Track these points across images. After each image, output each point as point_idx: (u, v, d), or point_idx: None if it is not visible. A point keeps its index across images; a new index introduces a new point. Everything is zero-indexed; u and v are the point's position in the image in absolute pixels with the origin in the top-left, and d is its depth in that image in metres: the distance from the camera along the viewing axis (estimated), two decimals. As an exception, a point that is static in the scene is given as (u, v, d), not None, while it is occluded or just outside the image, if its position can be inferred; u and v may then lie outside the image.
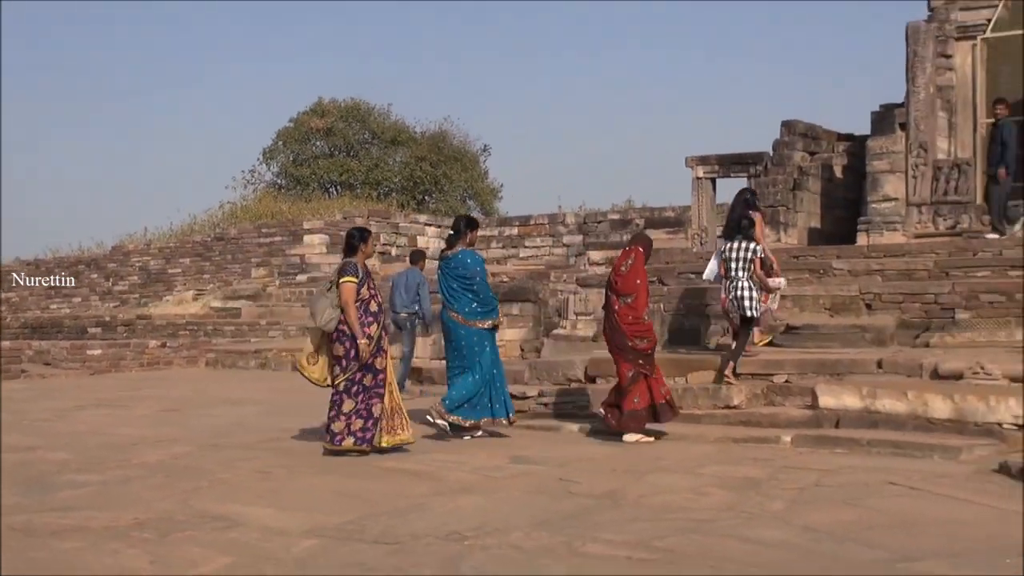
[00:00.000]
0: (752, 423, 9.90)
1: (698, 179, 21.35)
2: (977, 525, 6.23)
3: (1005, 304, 12.62)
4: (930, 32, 17.45)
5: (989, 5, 17.37)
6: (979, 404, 9.04)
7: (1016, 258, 14.03)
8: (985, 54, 17.50)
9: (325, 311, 8.91)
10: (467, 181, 40.07)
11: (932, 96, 17.22)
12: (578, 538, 5.86)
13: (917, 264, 14.31)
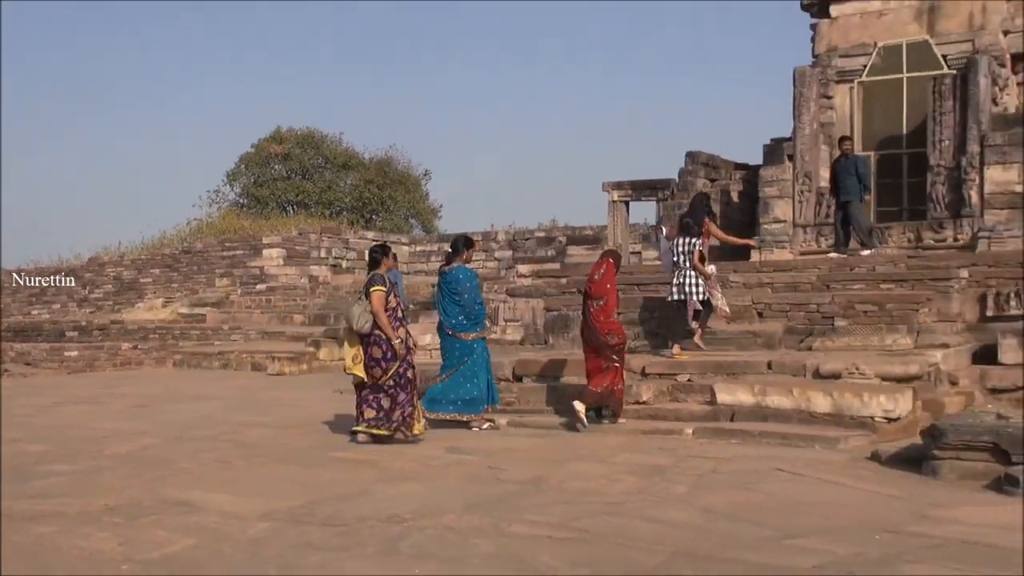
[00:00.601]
0: (659, 417, 9.97)
1: (613, 202, 21.48)
2: (852, 506, 6.35)
3: (877, 313, 12.83)
4: (814, 76, 17.75)
5: (864, 53, 17.73)
6: (854, 400, 9.19)
7: (888, 273, 14.30)
8: (861, 95, 17.85)
9: (360, 316, 9.04)
10: (410, 202, 40.10)
11: (816, 131, 17.50)
12: (505, 520, 5.90)
13: (802, 278, 14.50)
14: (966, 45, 16.89)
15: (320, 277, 27.58)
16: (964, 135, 16.31)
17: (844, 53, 17.88)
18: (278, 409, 12.18)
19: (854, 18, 17.97)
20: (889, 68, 17.53)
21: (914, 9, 17.52)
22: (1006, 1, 17.53)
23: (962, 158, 16.26)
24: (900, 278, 13.97)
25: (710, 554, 5.11)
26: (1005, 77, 17.03)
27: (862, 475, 7.36)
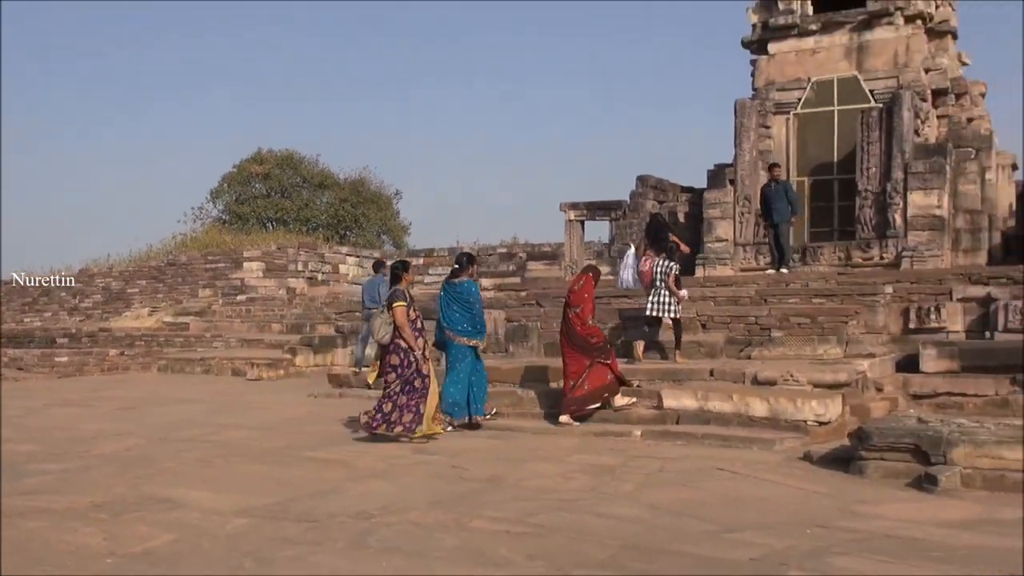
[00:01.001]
0: (610, 420, 9.90)
1: (570, 221, 21.56)
2: (786, 503, 6.38)
3: (810, 325, 12.98)
4: (754, 107, 17.93)
5: (799, 87, 17.94)
6: (789, 405, 9.24)
7: (819, 288, 14.45)
8: (796, 126, 18.04)
9: (380, 328, 9.11)
10: (382, 220, 39.95)
11: (755, 158, 17.67)
12: (467, 515, 5.88)
13: (742, 293, 14.63)
14: (891, 81, 17.14)
15: (297, 289, 27.36)
16: (889, 163, 16.55)
17: (781, 87, 18.09)
18: (256, 412, 12.06)
19: (790, 55, 18.19)
20: (822, 101, 17.76)
21: (844, 48, 17.77)
22: (927, 42, 17.85)
23: (887, 184, 16.49)
24: (831, 293, 14.15)
25: (656, 547, 5.12)
26: (926, 111, 17.32)
27: (795, 474, 7.40)
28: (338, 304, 24.20)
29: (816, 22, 17.86)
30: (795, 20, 17.93)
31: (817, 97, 17.78)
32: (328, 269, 29.14)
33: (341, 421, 10.61)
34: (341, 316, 22.20)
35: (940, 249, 16.10)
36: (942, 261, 15.95)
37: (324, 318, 22.64)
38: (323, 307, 24.30)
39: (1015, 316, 12.56)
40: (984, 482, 6.71)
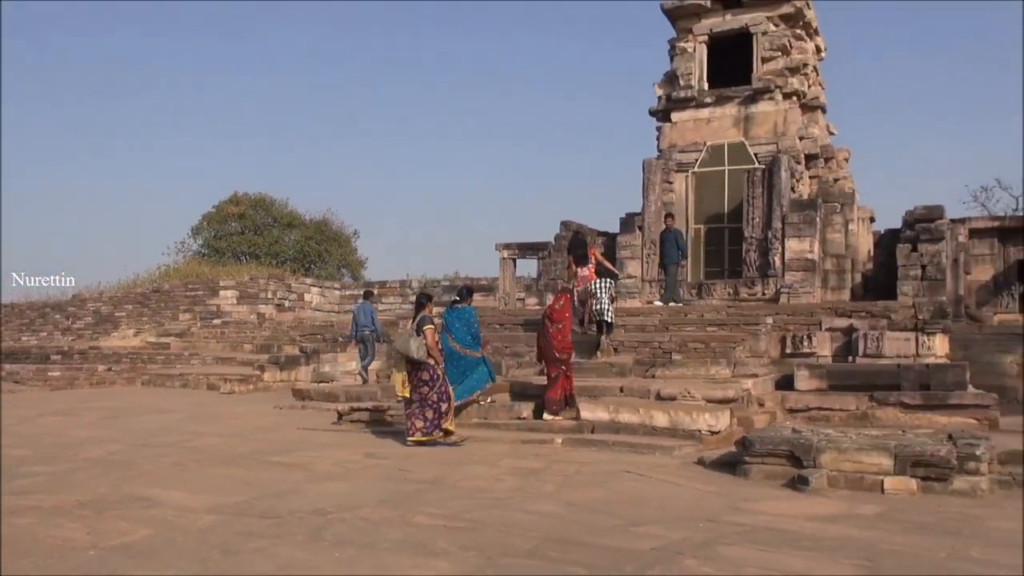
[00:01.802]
0: (535, 429, 9.89)
1: (504, 259, 21.57)
2: (683, 500, 6.44)
3: (704, 350, 13.15)
4: (659, 165, 18.21)
5: (696, 150, 18.27)
6: (686, 417, 9.34)
7: (712, 319, 14.67)
8: (694, 182, 18.34)
9: (417, 348, 9.31)
10: (342, 255, 39.56)
11: (659, 209, 17.91)
12: (410, 512, 5.81)
13: (648, 322, 14.78)
14: (772, 147, 17.54)
15: (266, 314, 26.90)
16: (770, 215, 16.91)
17: (682, 149, 18.40)
18: (227, 421, 11.78)
19: (689, 123, 18.53)
20: (715, 162, 18.10)
21: (734, 118, 18.16)
22: (801, 115, 18.35)
23: (769, 232, 16.84)
24: (722, 323, 14.36)
25: (572, 539, 5.12)
26: (800, 172, 17.76)
27: (691, 476, 7.46)
28: (302, 328, 23.84)
29: (711, 96, 18.24)
30: (693, 94, 18.30)
31: (711, 158, 18.13)
32: (294, 297, 28.78)
33: (302, 429, 10.44)
34: (305, 338, 21.87)
35: (812, 287, 16.45)
36: (813, 297, 16.29)
37: (290, 340, 22.29)
38: (289, 330, 23.91)
39: (872, 343, 12.89)
40: (847, 483, 6.85)
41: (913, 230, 16.49)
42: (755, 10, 18.04)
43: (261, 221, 38.56)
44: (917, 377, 11.30)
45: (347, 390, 13.63)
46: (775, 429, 8.27)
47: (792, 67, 17.95)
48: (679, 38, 18.74)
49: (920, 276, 15.93)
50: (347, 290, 31.42)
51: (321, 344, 19.76)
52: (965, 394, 11.09)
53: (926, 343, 12.82)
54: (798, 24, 18.15)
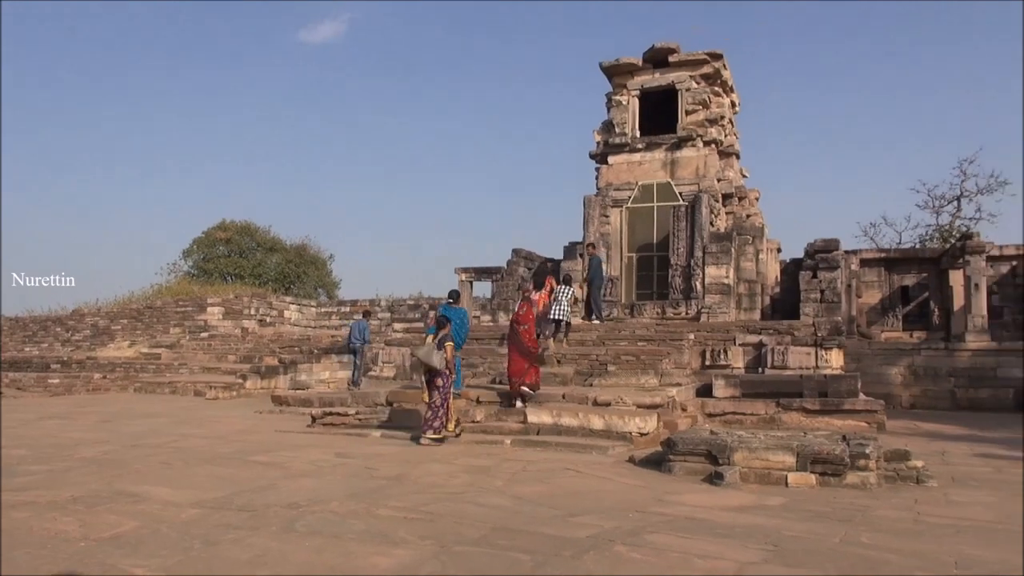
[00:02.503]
0: (488, 431, 9.87)
1: (462, 281, 21.54)
2: (615, 493, 6.42)
3: (635, 362, 13.23)
4: (597, 201, 18.39)
5: (630, 188, 18.49)
6: (619, 421, 9.36)
7: (642, 335, 14.79)
8: (627, 216, 18.55)
9: (439, 361, 9.52)
10: (319, 277, 39.03)
11: (598, 239, 18.06)
12: (374, 505, 5.71)
13: (587, 337, 14.83)
14: (694, 187, 17.83)
15: (249, 329, 26.41)
16: (692, 245, 17.15)
17: (617, 187, 18.61)
18: (211, 425, 11.51)
19: (623, 165, 18.76)
20: (645, 199, 18.34)
21: (662, 161, 18.44)
22: (719, 159, 18.69)
23: (691, 260, 17.08)
24: (651, 338, 14.47)
25: (518, 528, 5.08)
26: (718, 208, 18.06)
27: (622, 472, 7.46)
28: (282, 341, 23.46)
29: (642, 142, 18.50)
30: (627, 140, 18.54)
31: (642, 196, 18.36)
32: (275, 314, 28.32)
33: (279, 431, 10.23)
34: (284, 350, 21.53)
35: (728, 308, 16.70)
36: (729, 316, 16.54)
37: (270, 352, 21.91)
38: (270, 343, 23.50)
39: (779, 357, 13.10)
40: (756, 478, 6.90)
41: (813, 259, 16.86)
42: (680, 70, 18.39)
43: (246, 245, 37.98)
44: (816, 386, 11.51)
45: (321, 396, 13.42)
46: (695, 431, 8.32)
47: (711, 119, 18.30)
48: (615, 92, 19.01)
49: (819, 299, 16.27)
50: (323, 308, 31.03)
51: (298, 355, 19.48)
52: (857, 401, 11.32)
53: (824, 357, 13.07)
54: (716, 82, 18.54)
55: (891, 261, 20.15)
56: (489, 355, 14.14)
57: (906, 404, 15.91)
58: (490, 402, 10.84)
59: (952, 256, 18.36)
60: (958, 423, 12.67)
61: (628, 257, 18.28)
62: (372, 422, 10.69)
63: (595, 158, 19.28)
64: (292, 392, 15.13)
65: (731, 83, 19.34)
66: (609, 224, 18.44)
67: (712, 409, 11.44)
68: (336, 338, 22.73)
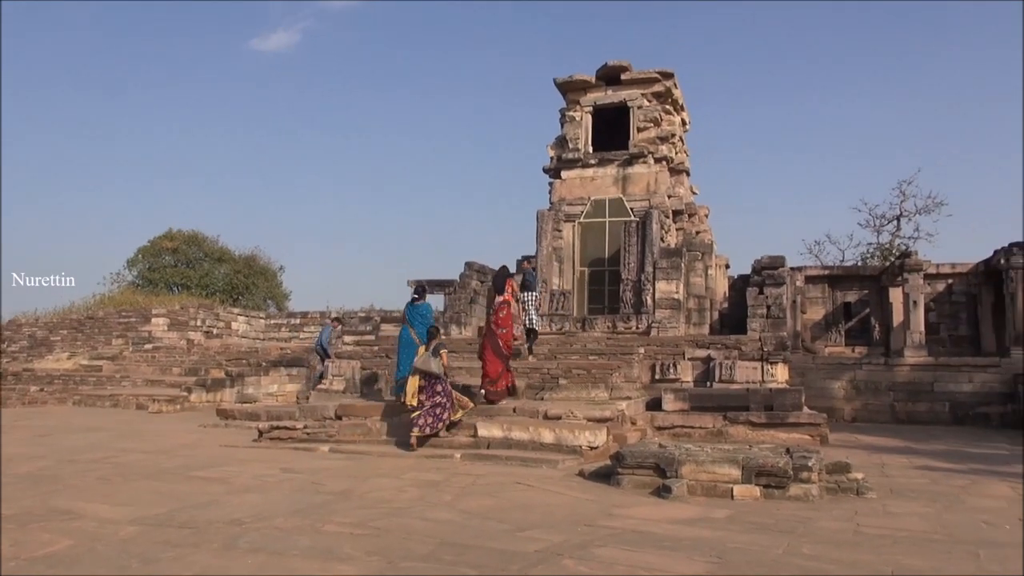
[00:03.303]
0: (438, 445, 9.75)
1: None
2: (564, 507, 6.42)
3: (586, 376, 13.29)
4: (550, 216, 18.51)
5: (582, 203, 18.67)
6: (569, 434, 9.37)
7: (593, 349, 14.87)
8: (580, 231, 18.72)
9: (436, 367, 9.91)
10: (268, 288, 38.39)
11: (551, 253, 18.18)
12: (320, 521, 5.62)
13: (538, 351, 14.83)
14: (645, 203, 18.08)
15: (195, 340, 25.84)
16: (643, 260, 17.37)
17: (570, 203, 18.76)
18: (154, 439, 11.19)
19: (576, 180, 18.94)
20: (598, 214, 18.53)
21: (614, 177, 18.67)
22: (670, 176, 19.00)
23: (642, 275, 17.28)
24: (601, 352, 14.57)
25: (466, 543, 5.05)
26: (668, 224, 18.34)
27: (572, 486, 7.46)
28: (229, 353, 22.98)
29: (595, 158, 18.70)
30: (580, 156, 18.73)
31: (595, 211, 18.54)
32: (222, 325, 27.77)
33: (224, 446, 10.01)
34: (231, 363, 21.08)
35: (677, 322, 16.92)
36: (678, 331, 16.75)
37: (217, 364, 21.43)
38: (216, 355, 23.01)
39: (726, 371, 13.31)
40: (703, 490, 6.97)
41: (760, 276, 17.21)
42: (632, 88, 18.68)
43: (193, 255, 37.22)
44: (762, 400, 11.71)
45: (268, 410, 13.16)
46: (644, 444, 8.37)
47: (662, 136, 18.60)
48: (569, 108, 19.20)
49: (766, 314, 16.59)
50: (272, 319, 30.55)
51: (246, 368, 19.10)
52: (801, 414, 11.56)
53: (770, 371, 13.32)
54: (667, 101, 18.87)
55: (834, 278, 20.69)
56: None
57: (848, 417, 16.31)
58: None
59: (892, 274, 18.94)
60: (897, 436, 13.04)
61: (580, 271, 18.42)
62: (320, 436, 10.52)
63: (548, 172, 19.41)
64: (239, 406, 14.83)
65: (682, 102, 19.71)
66: (562, 238, 18.56)
67: (661, 422, 11.54)
68: (285, 350, 22.39)
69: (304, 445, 10.25)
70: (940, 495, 7.31)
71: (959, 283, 19.52)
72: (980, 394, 15.88)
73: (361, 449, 9.83)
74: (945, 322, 19.59)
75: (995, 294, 18.61)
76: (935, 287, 19.63)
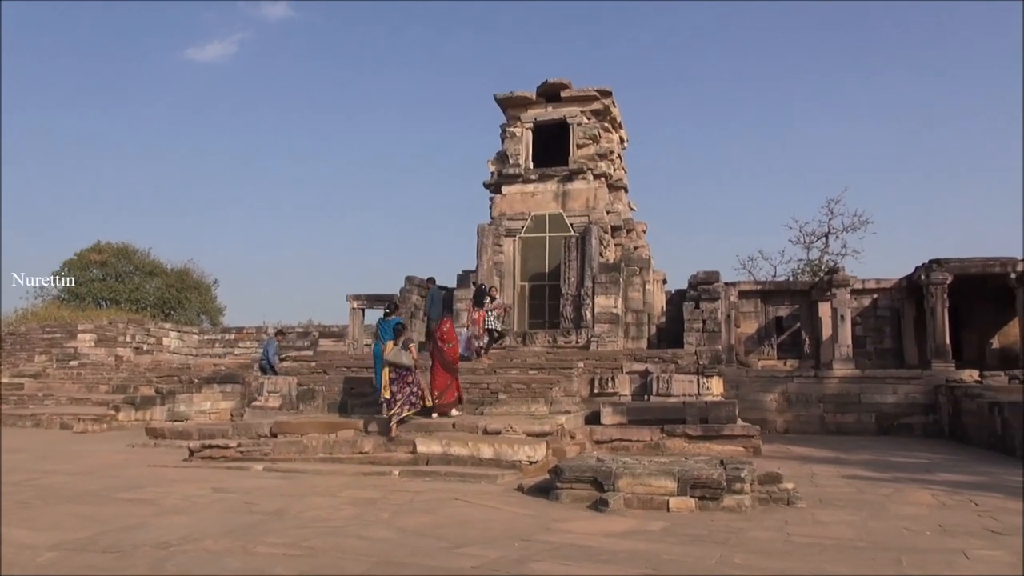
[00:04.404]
0: (376, 463, 9.66)
1: (353, 309, 21.18)
2: (502, 523, 6.40)
3: (526, 390, 13.30)
4: (491, 230, 18.55)
5: (523, 218, 18.76)
6: (508, 449, 9.37)
7: (533, 363, 14.90)
8: (520, 246, 18.79)
9: (406, 359, 10.85)
10: (202, 303, 37.36)
11: (491, 268, 18.20)
12: (252, 542, 5.48)
13: (478, 365, 14.78)
14: (585, 218, 18.27)
15: (124, 356, 24.96)
16: (583, 275, 17.53)
17: (510, 218, 18.83)
18: (78, 460, 10.74)
19: (516, 195, 19.04)
20: (537, 229, 18.64)
21: (554, 193, 18.83)
22: (609, 193, 19.26)
23: (582, 289, 17.43)
24: (541, 367, 14.60)
25: (402, 561, 4.99)
26: (608, 240, 18.56)
27: (511, 501, 7.45)
28: (160, 370, 22.26)
29: (535, 174, 18.85)
30: (520, 171, 18.85)
31: (535, 226, 18.66)
32: (153, 341, 26.95)
33: (153, 466, 9.68)
34: (161, 380, 20.43)
35: (616, 336, 17.11)
36: (617, 345, 16.94)
37: (147, 381, 20.74)
38: (146, 372, 22.27)
39: (663, 384, 13.50)
40: (640, 503, 7.04)
41: (696, 291, 17.55)
42: (572, 105, 18.91)
43: (123, 269, 36.01)
44: (698, 412, 11.92)
45: (200, 428, 12.82)
46: (583, 458, 8.43)
47: (601, 153, 18.87)
48: (509, 123, 19.33)
49: (702, 328, 16.92)
50: (205, 335, 29.77)
51: (177, 385, 18.53)
52: (735, 426, 11.79)
53: (706, 384, 13.55)
54: (606, 119, 19.16)
55: (766, 293, 21.26)
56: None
57: (780, 429, 16.72)
58: (379, 432, 10.63)
59: (821, 289, 19.56)
60: (827, 446, 13.42)
61: (521, 286, 18.48)
62: (255, 454, 10.26)
63: (489, 188, 19.47)
64: (170, 424, 14.38)
65: (620, 120, 20.04)
66: (503, 253, 18.61)
67: (600, 436, 11.62)
68: (219, 367, 21.82)
69: (237, 464, 9.98)
70: (866, 503, 7.54)
71: (883, 298, 20.28)
72: (904, 405, 16.48)
73: (297, 467, 9.63)
74: (871, 336, 20.31)
75: (917, 309, 19.39)
76: (861, 302, 20.35)
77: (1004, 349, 19.51)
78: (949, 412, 15.73)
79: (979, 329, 19.86)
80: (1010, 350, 19.20)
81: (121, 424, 16.13)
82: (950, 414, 15.69)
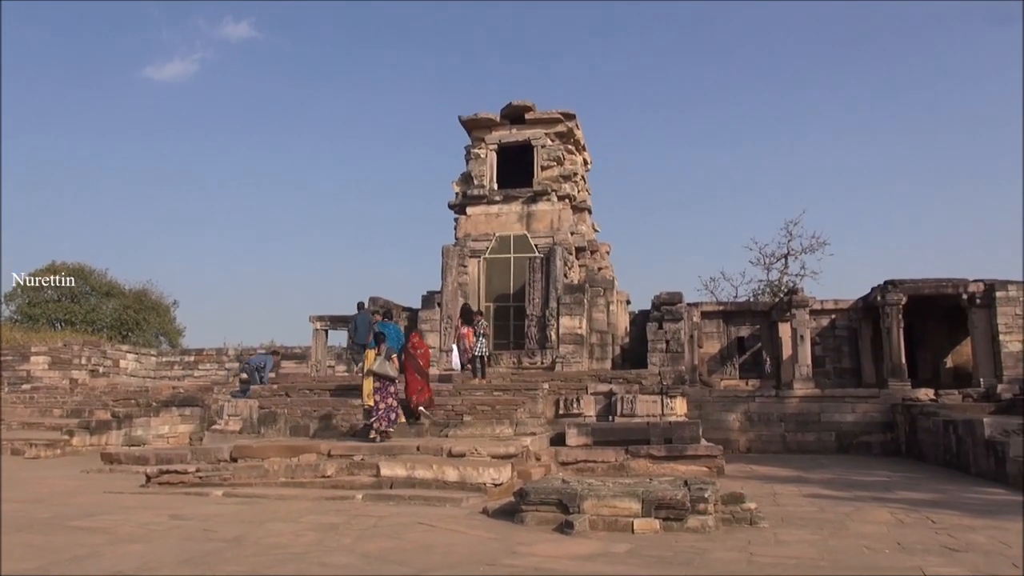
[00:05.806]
0: (339, 487, 9.49)
1: (316, 329, 20.94)
2: (466, 546, 6.33)
3: (491, 412, 13.25)
4: (455, 251, 18.54)
5: (487, 239, 18.81)
6: (474, 472, 9.29)
7: (498, 384, 14.87)
8: (485, 267, 18.82)
9: (390, 370, 11.60)
10: (160, 324, 36.59)
11: (456, 289, 18.17)
12: (210, 570, 5.33)
13: (443, 387, 14.70)
14: (549, 239, 18.38)
15: (79, 379, 24.33)
16: (547, 296, 17.59)
17: (475, 238, 18.87)
18: (28, 487, 10.38)
19: (481, 216, 19.09)
20: (503, 250, 18.70)
21: (518, 214, 18.92)
22: (573, 214, 19.41)
23: (546, 310, 17.48)
24: (506, 388, 14.56)
25: (365, 588, 4.90)
26: (572, 261, 18.67)
27: (475, 524, 7.37)
28: (116, 393, 21.72)
29: (500, 195, 18.93)
30: (485, 192, 18.91)
31: (500, 247, 18.71)
32: (109, 363, 26.29)
33: (108, 492, 9.40)
34: (118, 403, 19.92)
35: (581, 357, 17.16)
36: (582, 366, 16.99)
37: (103, 405, 20.20)
38: (102, 395, 21.70)
39: (628, 405, 13.55)
40: (605, 525, 7.01)
41: (660, 311, 17.70)
42: (536, 127, 19.08)
43: (79, 290, 35.15)
44: (662, 433, 11.98)
45: (158, 453, 12.51)
46: (548, 480, 8.38)
47: (565, 175, 19.03)
48: (474, 145, 19.41)
49: (665, 349, 17.05)
50: (164, 356, 29.17)
51: (135, 409, 18.11)
52: (699, 446, 11.87)
53: (669, 404, 13.64)
54: (570, 141, 19.35)
55: (728, 314, 21.53)
56: (343, 406, 13.73)
57: (743, 448, 16.87)
58: (343, 455, 10.48)
59: (781, 309, 19.86)
60: (788, 465, 13.57)
61: (486, 307, 18.46)
62: (214, 480, 10.03)
63: (454, 208, 19.49)
64: (126, 449, 14.02)
65: (583, 142, 20.25)
66: (467, 274, 18.60)
67: (565, 457, 11.60)
68: (178, 389, 21.37)
69: (196, 490, 9.74)
70: (827, 522, 7.62)
71: (841, 318, 20.66)
72: (862, 424, 16.76)
73: (258, 492, 9.42)
74: (830, 355, 20.65)
75: (873, 328, 19.78)
76: (820, 322, 20.70)
77: (957, 368, 19.97)
78: (906, 430, 16.03)
79: (933, 348, 20.32)
80: (963, 368, 19.67)
81: (75, 449, 15.69)
82: (907, 432, 15.99)
